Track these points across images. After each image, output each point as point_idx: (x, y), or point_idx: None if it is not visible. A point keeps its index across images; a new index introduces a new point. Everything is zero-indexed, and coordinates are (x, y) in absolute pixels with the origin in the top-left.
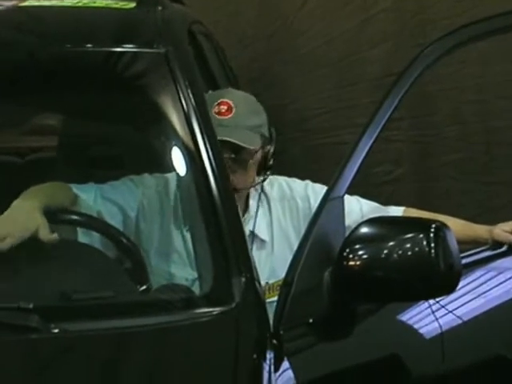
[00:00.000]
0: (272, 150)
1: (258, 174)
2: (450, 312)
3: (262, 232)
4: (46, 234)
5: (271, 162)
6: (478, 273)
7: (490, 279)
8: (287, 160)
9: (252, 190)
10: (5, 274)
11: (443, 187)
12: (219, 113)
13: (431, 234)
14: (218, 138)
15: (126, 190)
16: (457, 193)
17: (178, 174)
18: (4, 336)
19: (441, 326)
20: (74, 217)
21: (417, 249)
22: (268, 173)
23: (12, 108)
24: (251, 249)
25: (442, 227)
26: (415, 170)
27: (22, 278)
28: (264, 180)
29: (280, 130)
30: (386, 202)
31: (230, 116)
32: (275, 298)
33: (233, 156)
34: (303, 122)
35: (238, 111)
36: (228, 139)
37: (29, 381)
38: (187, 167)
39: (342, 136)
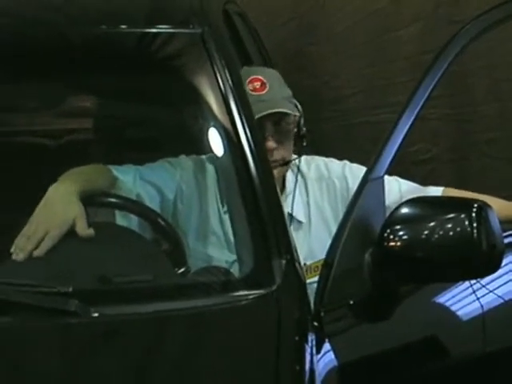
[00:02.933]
0: (302, 120)
1: (295, 145)
2: (492, 291)
3: (299, 213)
4: (83, 229)
5: (304, 130)
6: None
7: None
8: (322, 139)
9: (289, 171)
10: (44, 257)
11: (480, 166)
12: (254, 89)
13: (473, 214)
14: (262, 112)
15: (164, 172)
16: (494, 171)
17: (216, 156)
18: (43, 320)
19: (482, 306)
20: (112, 199)
21: (458, 229)
22: (304, 143)
23: (47, 90)
24: None
25: (483, 207)
26: (452, 149)
27: (61, 261)
28: (303, 150)
29: (315, 109)
30: (423, 180)
31: (265, 91)
32: (313, 279)
33: (278, 127)
34: (338, 101)
35: (272, 85)
36: (274, 110)
37: (68, 365)
38: (225, 148)
39: (377, 115)
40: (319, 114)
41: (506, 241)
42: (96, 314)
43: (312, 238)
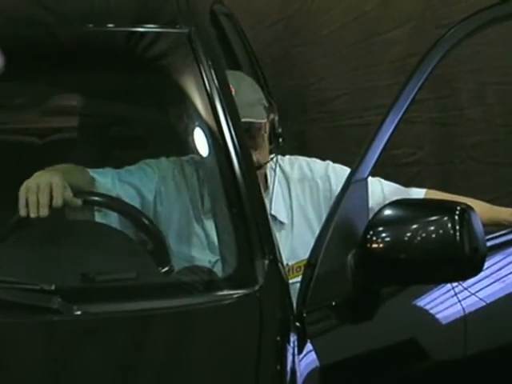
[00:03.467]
0: (277, 118)
1: (270, 144)
2: (473, 294)
3: (281, 214)
4: (71, 197)
5: (280, 130)
6: (501, 255)
7: None
8: (308, 141)
9: (270, 171)
10: (27, 255)
11: (465, 169)
12: None
13: (456, 217)
14: None
15: (143, 174)
16: (479, 175)
17: (200, 156)
18: (26, 318)
19: (464, 309)
20: (95, 197)
21: (441, 231)
22: (280, 141)
23: (32, 88)
24: None
25: (467, 209)
26: (437, 152)
27: (44, 259)
28: (279, 149)
29: (301, 111)
30: (407, 183)
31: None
32: (296, 280)
33: (247, 133)
34: (324, 103)
35: (240, 90)
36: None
37: (50, 363)
38: (210, 148)
39: (363, 117)
40: (305, 115)
41: (489, 244)
42: (78, 312)
43: (294, 239)
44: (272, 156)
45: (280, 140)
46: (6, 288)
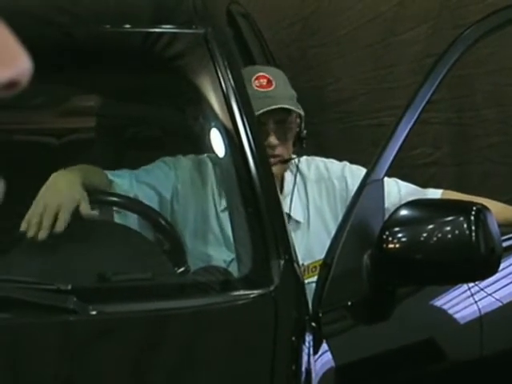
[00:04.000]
0: (303, 125)
1: (294, 145)
2: (490, 295)
3: (297, 213)
4: (87, 209)
5: (305, 132)
6: None
7: None
8: (325, 141)
9: (287, 171)
10: (43, 255)
11: (482, 170)
12: (261, 86)
13: (472, 217)
14: (269, 108)
15: (160, 173)
16: (496, 176)
17: (216, 155)
18: (42, 317)
19: (480, 310)
20: (113, 198)
21: (457, 232)
22: (303, 145)
23: (49, 89)
24: None
25: (482, 210)
26: (454, 153)
27: (60, 259)
28: (302, 152)
29: (319, 111)
30: (424, 184)
31: (272, 87)
32: (311, 279)
33: (281, 125)
34: (342, 103)
35: (278, 83)
36: (281, 106)
37: (66, 363)
38: (226, 148)
39: (380, 118)
40: (322, 116)
41: (505, 244)
42: (94, 312)
43: (310, 239)
44: (294, 156)
45: (303, 144)
46: (22, 288)
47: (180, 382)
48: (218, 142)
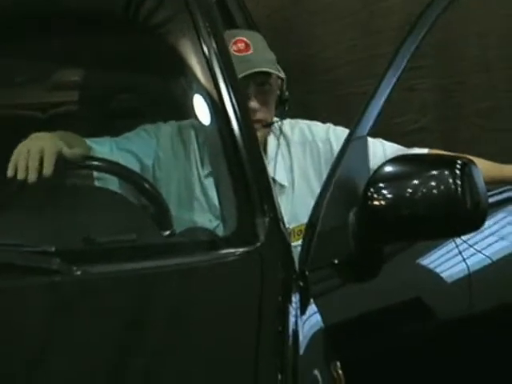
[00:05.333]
0: (285, 87)
1: (276, 108)
2: (479, 252)
3: (281, 177)
4: (69, 151)
5: (287, 94)
6: (505, 212)
7: None
8: (312, 110)
9: (270, 134)
10: (27, 219)
11: (469, 136)
12: (239, 50)
13: (457, 171)
14: (248, 72)
15: (141, 140)
16: (483, 141)
17: (199, 120)
18: (26, 279)
19: (468, 267)
20: (96, 162)
21: (442, 186)
22: (286, 107)
23: (32, 63)
24: None
25: (468, 164)
26: (441, 119)
27: (45, 222)
28: (284, 114)
29: (304, 80)
30: None
31: (250, 51)
32: (297, 243)
33: (261, 88)
34: (327, 72)
35: (256, 47)
36: (259, 70)
37: (51, 324)
38: (210, 112)
39: (366, 86)
40: (308, 85)
41: (491, 200)
42: (79, 273)
43: (295, 202)
44: (276, 119)
45: (286, 105)
46: (5, 251)
47: (166, 342)
48: (201, 108)
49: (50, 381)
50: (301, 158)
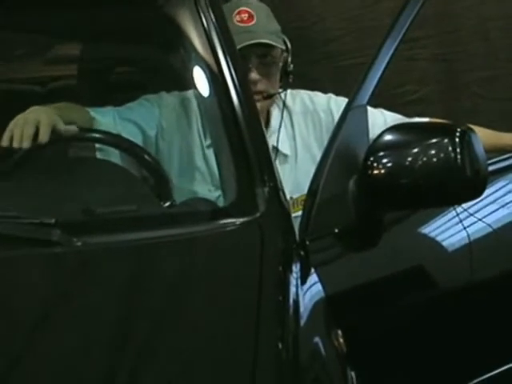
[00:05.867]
0: (290, 59)
1: (280, 81)
2: (479, 220)
3: (285, 146)
4: (64, 127)
5: (291, 67)
6: (505, 180)
7: None
8: (311, 82)
9: (274, 105)
10: (27, 191)
11: (470, 106)
12: (242, 21)
13: (456, 139)
14: (248, 42)
15: (144, 110)
16: (483, 111)
17: (199, 91)
18: (26, 251)
19: (469, 235)
20: (96, 135)
21: (442, 154)
22: (290, 80)
23: (32, 37)
24: None
25: (467, 131)
26: (441, 89)
27: (45, 194)
28: (288, 86)
29: (303, 51)
30: None
31: (253, 22)
32: (299, 213)
33: (263, 59)
34: (326, 43)
35: (260, 18)
36: (260, 41)
37: (51, 294)
38: (209, 83)
39: (366, 57)
40: (307, 56)
41: (491, 168)
42: (79, 244)
43: (298, 171)
44: (280, 91)
45: (290, 78)
46: (5, 222)
47: (167, 312)
48: (200, 79)
49: (50, 350)
50: (303, 127)
